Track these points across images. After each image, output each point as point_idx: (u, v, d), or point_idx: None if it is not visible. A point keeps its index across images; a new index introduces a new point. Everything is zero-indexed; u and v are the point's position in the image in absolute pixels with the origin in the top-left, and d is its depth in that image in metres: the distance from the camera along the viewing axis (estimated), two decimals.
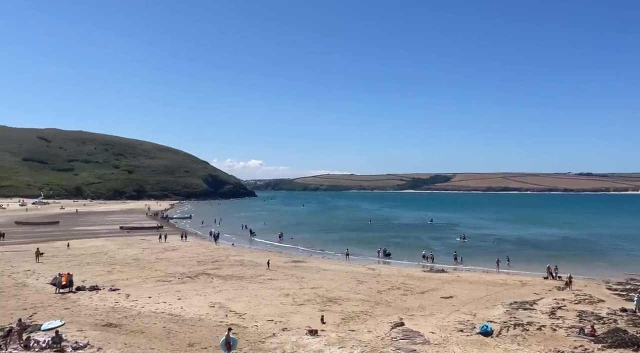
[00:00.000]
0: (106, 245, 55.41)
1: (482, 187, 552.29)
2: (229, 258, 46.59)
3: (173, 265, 41.62)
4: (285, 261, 45.94)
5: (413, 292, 31.37)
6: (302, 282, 34.54)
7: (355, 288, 32.30)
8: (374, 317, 24.34)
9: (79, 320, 22.52)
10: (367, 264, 45.93)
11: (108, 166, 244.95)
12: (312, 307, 26.46)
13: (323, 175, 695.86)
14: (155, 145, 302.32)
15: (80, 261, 42.77)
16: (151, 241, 60.36)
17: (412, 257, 51.37)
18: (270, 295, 29.52)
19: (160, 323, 22.47)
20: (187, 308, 25.56)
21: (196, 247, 55.94)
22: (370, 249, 56.39)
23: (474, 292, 31.47)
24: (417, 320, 23.69)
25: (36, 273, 35.84)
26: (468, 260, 48.95)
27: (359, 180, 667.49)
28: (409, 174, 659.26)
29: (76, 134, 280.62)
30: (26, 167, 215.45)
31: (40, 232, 69.26)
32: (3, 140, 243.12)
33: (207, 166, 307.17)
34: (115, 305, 26.10)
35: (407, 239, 70.40)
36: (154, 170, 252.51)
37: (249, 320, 23.17)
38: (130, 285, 32.03)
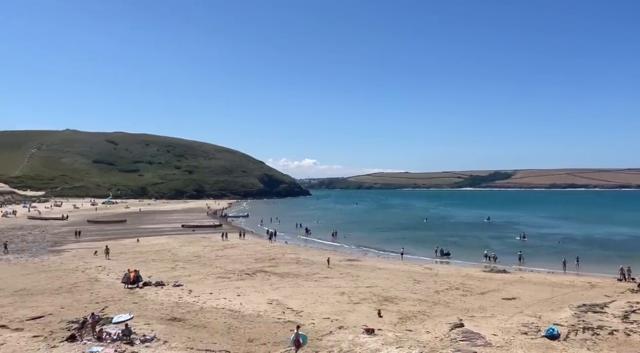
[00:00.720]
0: (169, 242, 57.97)
1: (546, 184, 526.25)
2: (285, 256, 47.34)
3: (232, 262, 42.86)
4: (340, 259, 46.04)
5: (473, 293, 30.46)
6: (358, 280, 34.48)
7: (412, 288, 31.82)
8: (432, 318, 23.87)
9: (146, 314, 23.71)
10: (424, 264, 45.12)
11: (170, 167, 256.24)
12: (368, 305, 26.35)
13: (377, 174, 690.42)
14: (214, 146, 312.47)
15: (146, 258, 45.02)
16: (211, 239, 62.48)
17: (470, 256, 49.94)
18: (326, 293, 29.69)
19: (221, 318, 23.22)
20: (246, 304, 26.24)
21: (253, 245, 57.29)
22: (426, 248, 55.38)
23: (538, 294, 30.10)
24: (477, 321, 22.99)
25: (107, 269, 38.12)
26: (531, 260, 46.92)
27: (413, 178, 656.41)
28: (467, 171, 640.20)
29: (140, 136, 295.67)
30: (96, 169, 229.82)
31: (110, 230, 73.64)
32: (76, 143, 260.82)
33: (263, 166, 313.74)
34: (179, 300, 27.25)
35: (465, 238, 68.46)
36: (213, 171, 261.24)
37: (306, 318, 23.43)
38: (193, 281, 33.32)
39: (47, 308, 24.59)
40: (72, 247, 52.61)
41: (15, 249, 49.49)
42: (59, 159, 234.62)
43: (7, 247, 49.40)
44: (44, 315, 23.21)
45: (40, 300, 26.70)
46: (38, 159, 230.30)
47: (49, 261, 42.50)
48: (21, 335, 19.61)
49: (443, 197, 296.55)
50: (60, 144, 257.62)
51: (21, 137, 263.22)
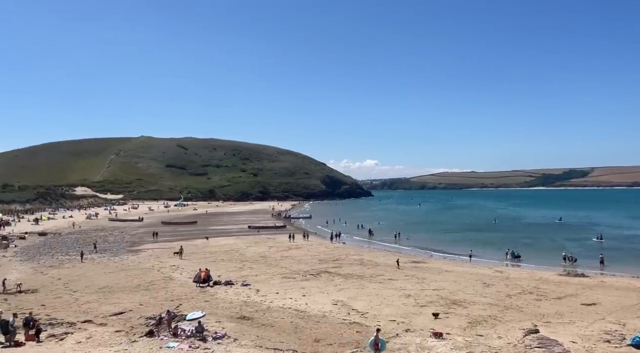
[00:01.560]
0: (237, 243, 59.91)
1: (627, 183, 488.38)
2: (349, 257, 47.35)
3: (297, 263, 43.52)
4: (404, 261, 45.29)
5: (548, 297, 28.82)
6: (424, 283, 33.76)
7: (481, 291, 30.67)
8: (504, 322, 22.87)
9: (217, 312, 24.64)
10: (493, 266, 43.33)
11: (236, 170, 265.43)
12: (435, 308, 25.70)
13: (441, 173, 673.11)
14: (277, 149, 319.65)
15: (216, 258, 46.83)
16: (276, 239, 63.85)
17: (544, 259, 47.33)
18: (391, 295, 29.35)
19: (288, 318, 23.64)
20: (311, 304, 26.54)
21: (317, 246, 57.83)
22: (495, 250, 53.21)
23: (622, 299, 27.92)
24: (554, 327, 21.73)
25: (180, 268, 40.08)
26: (613, 263, 43.63)
27: (480, 177, 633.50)
28: (539, 170, 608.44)
29: (208, 141, 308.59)
30: (168, 173, 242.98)
31: (182, 231, 77.40)
32: (150, 149, 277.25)
33: (325, 167, 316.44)
34: (247, 299, 28.08)
35: (539, 240, 64.94)
36: (276, 173, 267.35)
37: (371, 320, 23.29)
38: (259, 281, 34.21)
39: (127, 305, 26.27)
40: (148, 247, 55.85)
41: (98, 249, 53.30)
42: (135, 164, 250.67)
43: (96, 246, 54.50)
44: (125, 311, 24.82)
45: (121, 297, 28.58)
46: (117, 165, 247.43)
47: (127, 260, 45.42)
48: (105, 330, 21.07)
49: (513, 197, 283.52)
50: (136, 150, 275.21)
51: (102, 144, 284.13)
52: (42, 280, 34.70)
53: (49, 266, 41.76)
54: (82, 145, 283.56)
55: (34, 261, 44.84)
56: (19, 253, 50.23)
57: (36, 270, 39.38)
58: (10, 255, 48.79)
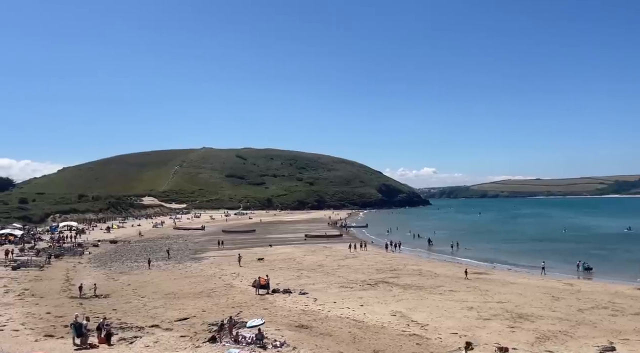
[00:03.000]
0: (294, 252, 60.55)
1: None
2: (407, 268, 46.49)
3: (354, 272, 43.29)
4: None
5: (625, 313, 26.79)
6: (487, 295, 32.46)
7: (550, 305, 29.03)
8: (576, 338, 21.50)
9: (276, 320, 24.96)
10: (562, 279, 40.90)
11: (292, 179, 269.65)
12: (500, 322, 24.64)
13: (503, 181, 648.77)
14: (332, 157, 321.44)
15: (274, 266, 47.55)
16: (332, 248, 63.88)
17: (620, 271, 44.10)
18: (452, 307, 28.45)
19: (346, 327, 23.52)
20: (369, 315, 26.26)
21: (374, 255, 57.26)
22: (564, 262, 50.23)
23: None
24: (633, 345, 20.16)
25: (240, 275, 41.05)
26: None
27: (546, 185, 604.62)
28: (612, 176, 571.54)
29: (266, 151, 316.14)
30: (228, 183, 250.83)
31: (242, 239, 79.41)
32: (211, 160, 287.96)
33: (381, 176, 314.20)
34: (305, 307, 28.25)
35: (613, 251, 60.64)
36: (332, 182, 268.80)
37: (432, 332, 22.68)
38: (317, 289, 34.32)
39: (191, 311, 27.23)
40: (210, 255, 57.73)
41: (164, 257, 55.79)
42: (197, 175, 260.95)
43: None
44: (189, 317, 25.73)
45: (185, 303, 29.68)
46: (180, 175, 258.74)
47: (191, 268, 47.16)
48: (171, 335, 21.93)
49: (583, 205, 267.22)
50: (198, 161, 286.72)
51: (167, 156, 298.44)
52: (114, 286, 36.74)
53: (120, 272, 44.18)
54: (149, 156, 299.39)
55: (106, 267, 47.61)
56: (93, 260, 53.52)
57: (108, 276, 41.75)
58: (85, 262, 52.11)
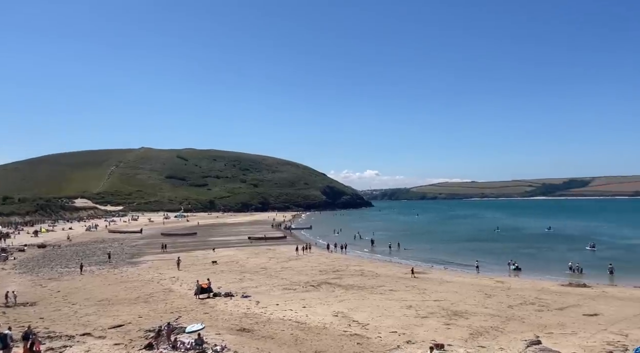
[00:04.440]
0: (237, 254, 59.67)
1: (628, 192, 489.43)
2: (349, 268, 47.13)
3: (297, 274, 43.32)
4: (405, 272, 45.10)
5: (550, 308, 28.62)
6: (425, 293, 33.58)
7: (483, 302, 30.49)
8: (506, 333, 22.69)
9: (217, 324, 24.47)
10: (495, 277, 43.08)
11: (236, 181, 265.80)
12: (437, 319, 25.55)
13: (441, 183, 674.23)
14: (277, 159, 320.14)
15: (215, 269, 46.61)
16: (276, 251, 63.61)
17: (546, 269, 47.10)
18: (392, 306, 29.17)
19: (288, 329, 23.47)
20: (311, 316, 26.36)
21: (317, 257, 57.59)
22: (497, 261, 52.94)
23: (624, 310, 27.71)
24: (556, 338, 21.55)
25: (179, 280, 39.88)
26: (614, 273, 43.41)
27: (481, 187, 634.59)
28: (539, 180, 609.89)
29: (208, 152, 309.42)
30: (168, 184, 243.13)
31: (183, 243, 77.16)
32: (150, 160, 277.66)
33: (325, 178, 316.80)
34: (247, 311, 27.90)
35: (540, 250, 64.72)
36: (276, 184, 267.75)
37: (372, 331, 23.12)
38: (260, 292, 34.02)
39: (126, 317, 26.10)
40: (149, 259, 55.64)
41: (99, 261, 53.09)
42: (135, 176, 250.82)
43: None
44: (124, 323, 24.65)
45: (120, 310, 28.40)
46: (117, 176, 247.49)
47: (127, 272, 45.20)
48: (104, 343, 20.91)
49: (513, 206, 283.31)
50: (136, 161, 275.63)
51: (102, 156, 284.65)
52: (41, 293, 34.53)
53: (48, 278, 41.60)
54: (82, 157, 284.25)
55: (33, 273, 44.66)
56: (18, 266, 50.03)
57: (35, 283, 39.19)
58: (9, 268, 48.61)
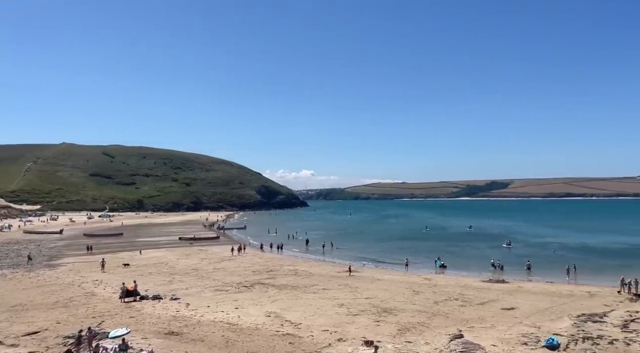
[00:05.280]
0: (166, 255, 57.62)
1: (543, 194, 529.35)
2: (283, 268, 47.11)
3: (230, 274, 42.62)
4: (338, 271, 45.84)
5: (472, 303, 30.33)
6: (357, 292, 34.32)
7: (411, 299, 31.69)
8: (431, 329, 23.74)
9: (143, 328, 23.50)
10: (423, 274, 44.95)
11: (167, 179, 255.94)
12: (367, 317, 26.20)
13: (374, 184, 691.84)
14: (211, 158, 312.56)
15: (143, 271, 44.71)
16: (208, 251, 62.18)
17: (468, 266, 49.81)
18: (325, 305, 29.53)
19: (219, 332, 23.03)
20: (244, 317, 26.06)
21: (251, 257, 57.00)
22: (425, 258, 55.21)
23: (537, 303, 29.98)
24: (477, 332, 22.87)
25: (103, 282, 37.83)
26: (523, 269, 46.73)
27: (411, 188, 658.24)
28: (464, 181, 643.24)
29: (137, 149, 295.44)
30: (93, 182, 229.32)
31: (107, 244, 73.18)
32: (72, 157, 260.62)
33: (260, 177, 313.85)
34: (176, 313, 27.04)
35: (463, 248, 68.30)
36: (210, 183, 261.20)
37: (305, 330, 23.26)
38: (190, 294, 33.10)
39: (42, 324, 24.35)
40: (69, 261, 52.22)
41: (11, 264, 49.08)
42: (55, 173, 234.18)
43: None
44: (40, 330, 22.99)
45: (36, 316, 26.43)
46: (34, 173, 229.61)
47: (44, 275, 42.12)
48: (17, 351, 19.41)
49: (440, 207, 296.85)
50: (57, 158, 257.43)
51: (17, 151, 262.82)
52: None
53: None
54: None
55: None
56: None
57: None
58: None
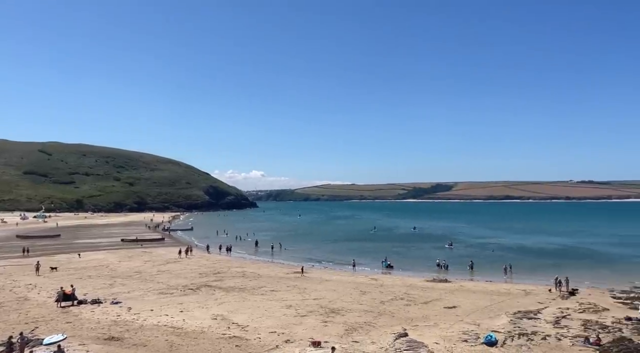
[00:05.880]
0: (107, 258, 55.28)
1: (484, 196, 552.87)
2: (231, 270, 46.45)
3: (175, 277, 41.49)
4: (287, 272, 45.78)
5: (416, 302, 31.20)
6: (305, 293, 34.39)
7: (358, 299, 32.14)
8: (377, 328, 24.19)
9: (81, 334, 22.42)
10: (370, 274, 45.73)
11: (109, 179, 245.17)
12: (315, 318, 26.32)
13: (324, 185, 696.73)
14: (156, 157, 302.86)
15: (82, 274, 42.64)
16: (152, 253, 60.23)
17: (413, 266, 51.22)
18: (273, 306, 29.39)
19: (163, 336, 22.36)
20: (189, 320, 25.45)
21: (197, 259, 55.77)
22: (373, 259, 56.18)
23: (477, 302, 31.30)
24: (421, 330, 23.55)
25: (38, 287, 35.74)
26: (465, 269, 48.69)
27: (360, 189, 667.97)
28: (411, 183, 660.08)
29: (77, 146, 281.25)
30: (27, 181, 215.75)
31: (43, 246, 69.11)
32: (4, 153, 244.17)
33: (209, 177, 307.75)
34: (117, 318, 25.99)
35: (409, 249, 70.12)
36: (155, 182, 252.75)
37: (252, 332, 23.04)
38: (132, 298, 31.93)
39: None
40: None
41: None
42: None
43: None
44: None
45: None
46: None
47: None
48: None
49: (388, 208, 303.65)
50: None
51: None
52: None
53: None
54: None
55: None
56: None
57: None
58: None
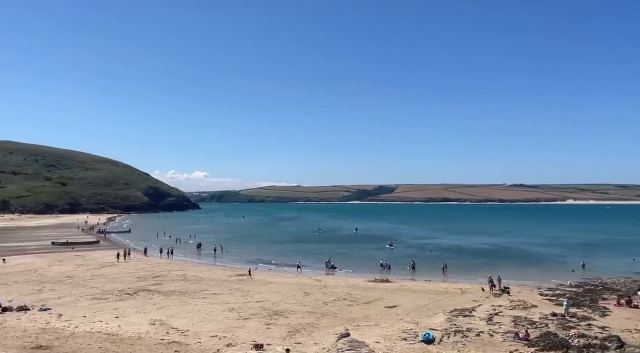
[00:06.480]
0: (36, 262, 51.97)
1: (423, 198, 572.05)
2: (171, 274, 45.08)
3: (110, 281, 39.69)
4: (229, 275, 45.08)
5: (358, 303, 31.72)
6: (248, 295, 34.01)
7: (301, 300, 32.21)
8: (320, 329, 24.36)
9: (5, 343, 20.94)
10: (313, 276, 45.97)
11: (39, 178, 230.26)
12: (258, 320, 26.09)
13: (269, 187, 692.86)
14: (92, 156, 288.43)
15: (7, 279, 39.81)
16: (86, 257, 57.32)
17: (356, 267, 52.04)
18: (215, 310, 28.82)
19: (96, 343, 21.32)
20: (125, 326, 24.42)
21: (135, 263, 53.67)
22: (316, 260, 56.52)
23: (417, 301, 32.30)
24: (362, 330, 23.95)
25: None
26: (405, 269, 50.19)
27: (305, 191, 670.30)
28: (355, 186, 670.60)
29: (2, 143, 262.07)
30: None
31: None
32: None
33: (149, 178, 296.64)
34: (46, 325, 24.46)
35: (352, 249, 71.21)
36: (90, 182, 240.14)
37: (192, 337, 22.47)
38: (63, 304, 30.20)
39: None
40: None
41: None
42: None
43: None
44: None
45: None
46: None
47: None
48: None
49: (333, 210, 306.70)
50: None
51: None
52: None
53: None
54: None
55: None
56: None
57: None
58: None
